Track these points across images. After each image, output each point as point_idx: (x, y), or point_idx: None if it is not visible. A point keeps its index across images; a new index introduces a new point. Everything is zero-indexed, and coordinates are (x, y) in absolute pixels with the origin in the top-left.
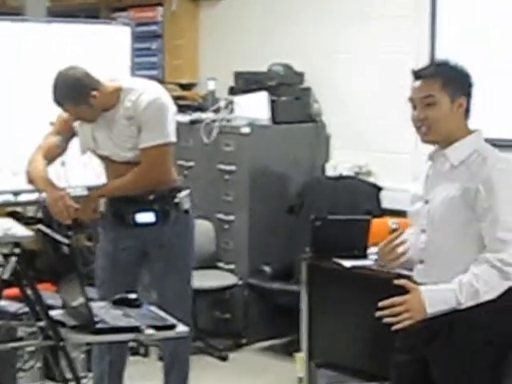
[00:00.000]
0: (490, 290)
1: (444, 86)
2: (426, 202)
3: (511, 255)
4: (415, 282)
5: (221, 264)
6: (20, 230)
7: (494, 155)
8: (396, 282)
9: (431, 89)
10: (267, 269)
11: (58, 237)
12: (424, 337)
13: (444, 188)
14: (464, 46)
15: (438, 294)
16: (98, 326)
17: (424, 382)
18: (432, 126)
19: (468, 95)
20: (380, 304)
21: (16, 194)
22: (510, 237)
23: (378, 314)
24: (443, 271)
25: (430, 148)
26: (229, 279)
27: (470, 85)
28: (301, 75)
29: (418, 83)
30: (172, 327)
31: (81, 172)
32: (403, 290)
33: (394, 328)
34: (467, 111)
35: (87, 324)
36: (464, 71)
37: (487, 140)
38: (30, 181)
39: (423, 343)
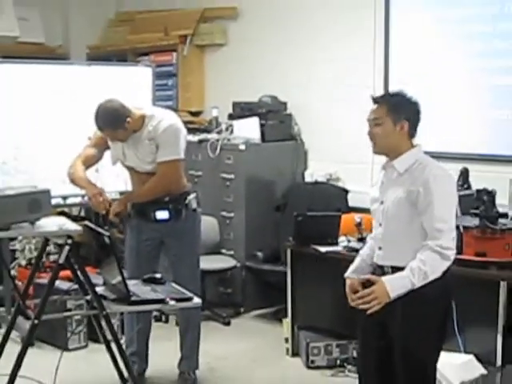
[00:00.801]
0: (435, 270)
1: (389, 111)
2: (381, 202)
3: (447, 240)
4: (381, 269)
5: (223, 250)
6: (71, 226)
7: (431, 163)
8: (362, 277)
9: (379, 113)
10: (260, 254)
11: (101, 230)
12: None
13: (393, 191)
14: (410, 78)
15: (396, 280)
16: (133, 298)
17: (383, 340)
18: (377, 141)
19: (412, 120)
20: (354, 296)
21: (64, 197)
22: (445, 227)
23: (353, 304)
24: (396, 255)
25: (383, 159)
26: (230, 262)
27: (415, 112)
28: (284, 104)
29: (372, 107)
30: (189, 299)
31: (114, 180)
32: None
33: (368, 313)
34: (412, 132)
35: (124, 297)
36: (411, 100)
37: (427, 152)
38: (71, 181)
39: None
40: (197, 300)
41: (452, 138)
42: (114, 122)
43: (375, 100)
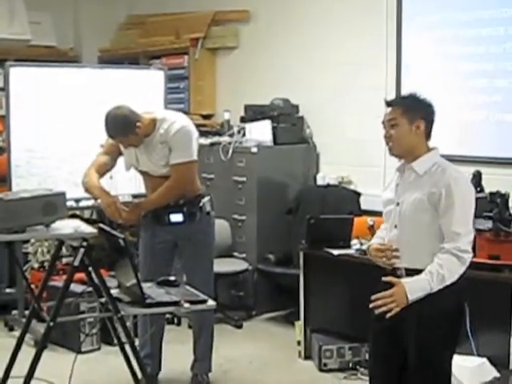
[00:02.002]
0: (453, 274)
1: (404, 112)
2: (397, 204)
3: (465, 243)
4: (394, 272)
5: (235, 253)
6: (86, 228)
7: (450, 166)
8: (384, 279)
9: (395, 114)
10: (271, 257)
11: (116, 233)
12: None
13: (411, 193)
14: (423, 80)
15: (415, 284)
16: (148, 301)
17: (395, 346)
18: (394, 143)
19: (427, 120)
20: (373, 297)
21: (77, 200)
22: (463, 230)
23: (372, 305)
24: (412, 257)
25: (395, 162)
26: (242, 265)
27: (429, 112)
28: (296, 107)
29: (387, 110)
30: (204, 302)
31: (127, 183)
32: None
33: (387, 316)
34: (428, 133)
35: (139, 300)
36: (425, 102)
37: (442, 155)
38: (86, 190)
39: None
40: (211, 302)
41: (465, 140)
42: (124, 129)
43: (389, 103)
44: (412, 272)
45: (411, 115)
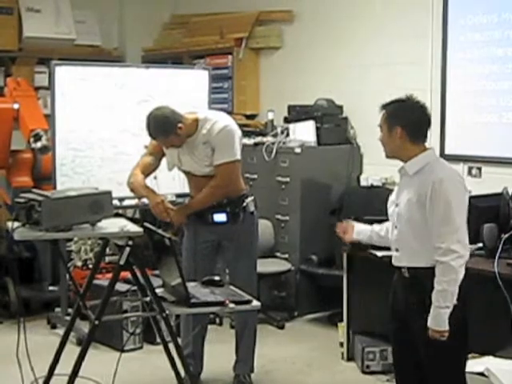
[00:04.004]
0: (455, 283)
1: (386, 118)
2: (396, 205)
3: (450, 243)
4: (393, 266)
5: (278, 254)
6: (132, 227)
7: (440, 165)
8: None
9: (381, 120)
10: (314, 258)
11: (161, 232)
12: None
13: (406, 194)
14: (469, 81)
15: (434, 319)
16: (192, 300)
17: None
18: (383, 145)
19: (407, 127)
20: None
21: (121, 199)
22: (447, 229)
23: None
24: (411, 256)
25: None
26: (284, 266)
27: (414, 118)
28: (340, 107)
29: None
30: (248, 302)
31: (171, 183)
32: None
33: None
34: (411, 137)
35: (184, 299)
36: (411, 107)
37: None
38: (132, 190)
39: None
40: (256, 303)
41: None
42: (166, 130)
43: (381, 107)
44: (414, 270)
45: (390, 122)
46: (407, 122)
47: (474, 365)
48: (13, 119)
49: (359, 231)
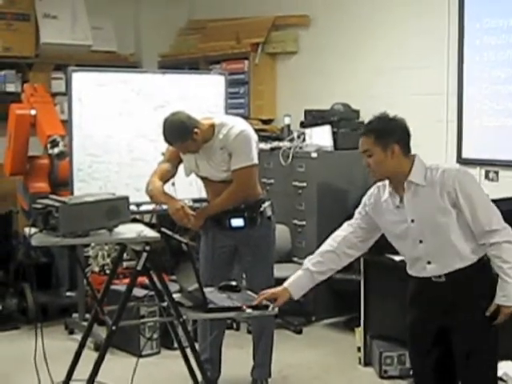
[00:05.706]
0: None
1: (375, 140)
2: (412, 221)
3: (497, 223)
4: (429, 279)
5: (295, 259)
6: (149, 232)
7: (441, 165)
8: (488, 313)
9: (367, 144)
10: None
11: (179, 237)
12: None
13: (425, 204)
14: (485, 84)
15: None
16: (210, 306)
17: (441, 344)
18: (374, 170)
19: (401, 141)
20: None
21: (138, 205)
22: (489, 212)
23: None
24: (448, 262)
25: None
26: None
27: (402, 131)
28: (357, 112)
29: (360, 140)
30: (266, 307)
31: (188, 188)
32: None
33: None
34: (404, 150)
35: (201, 304)
36: (395, 121)
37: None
38: (151, 198)
39: (442, 315)
40: (273, 308)
41: None
42: (182, 135)
43: (361, 133)
44: (450, 275)
45: (383, 142)
46: (400, 136)
47: None
48: (30, 125)
49: (292, 286)
